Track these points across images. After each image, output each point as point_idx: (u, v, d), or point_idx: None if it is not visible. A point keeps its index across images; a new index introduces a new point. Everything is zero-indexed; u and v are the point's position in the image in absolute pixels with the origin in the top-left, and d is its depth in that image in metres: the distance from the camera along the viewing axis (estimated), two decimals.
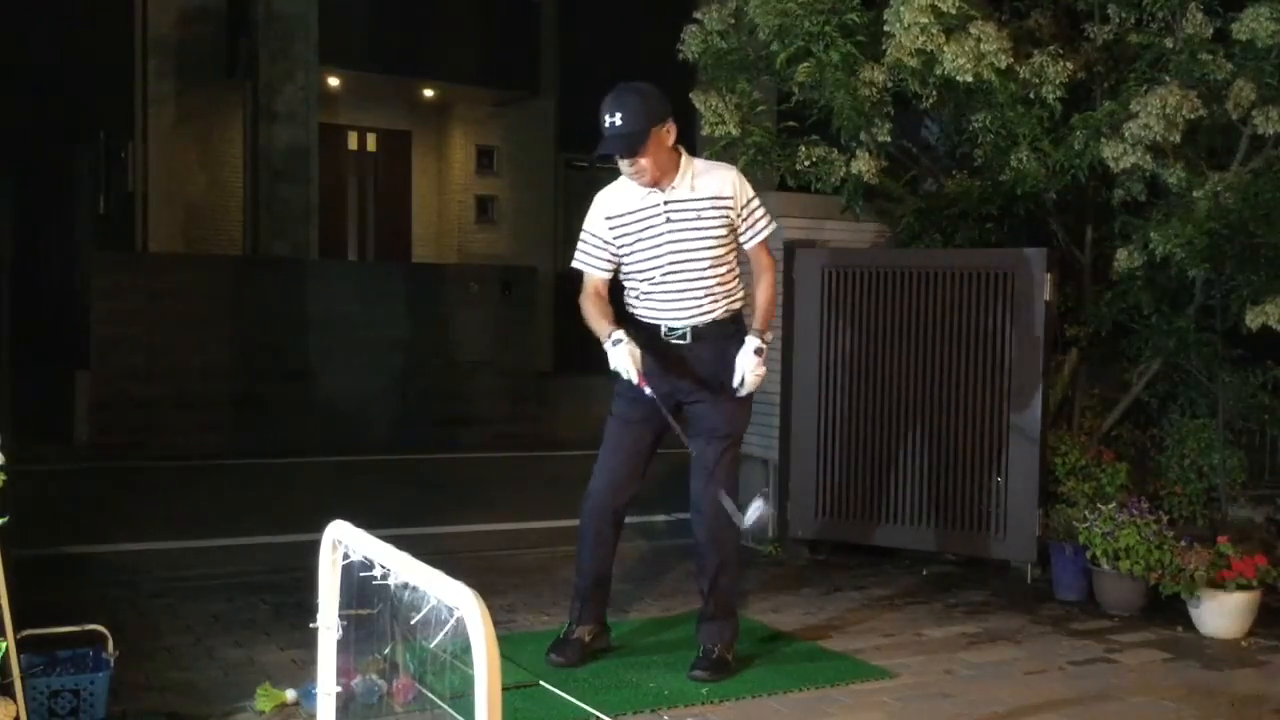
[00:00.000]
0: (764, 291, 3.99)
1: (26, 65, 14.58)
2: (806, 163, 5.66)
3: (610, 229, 4.00)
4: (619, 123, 3.76)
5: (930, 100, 5.23)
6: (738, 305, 4.03)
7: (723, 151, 5.82)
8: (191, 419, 10.02)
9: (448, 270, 12.24)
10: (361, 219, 14.42)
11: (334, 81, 13.34)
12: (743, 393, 3.91)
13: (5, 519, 2.96)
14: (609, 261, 4.05)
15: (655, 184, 3.89)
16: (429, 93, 14.06)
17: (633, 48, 11.01)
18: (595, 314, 4.00)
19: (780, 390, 5.89)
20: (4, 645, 2.96)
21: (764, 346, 3.90)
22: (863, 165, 5.57)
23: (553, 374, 12.54)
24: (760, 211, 3.99)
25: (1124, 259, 5.35)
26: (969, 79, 4.95)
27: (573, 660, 4.06)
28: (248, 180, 12.25)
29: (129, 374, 9.84)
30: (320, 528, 2.55)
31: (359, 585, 2.44)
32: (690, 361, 3.96)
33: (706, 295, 3.94)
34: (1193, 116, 4.86)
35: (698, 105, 5.66)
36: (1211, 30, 5.08)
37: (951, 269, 5.47)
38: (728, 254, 3.97)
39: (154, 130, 12.27)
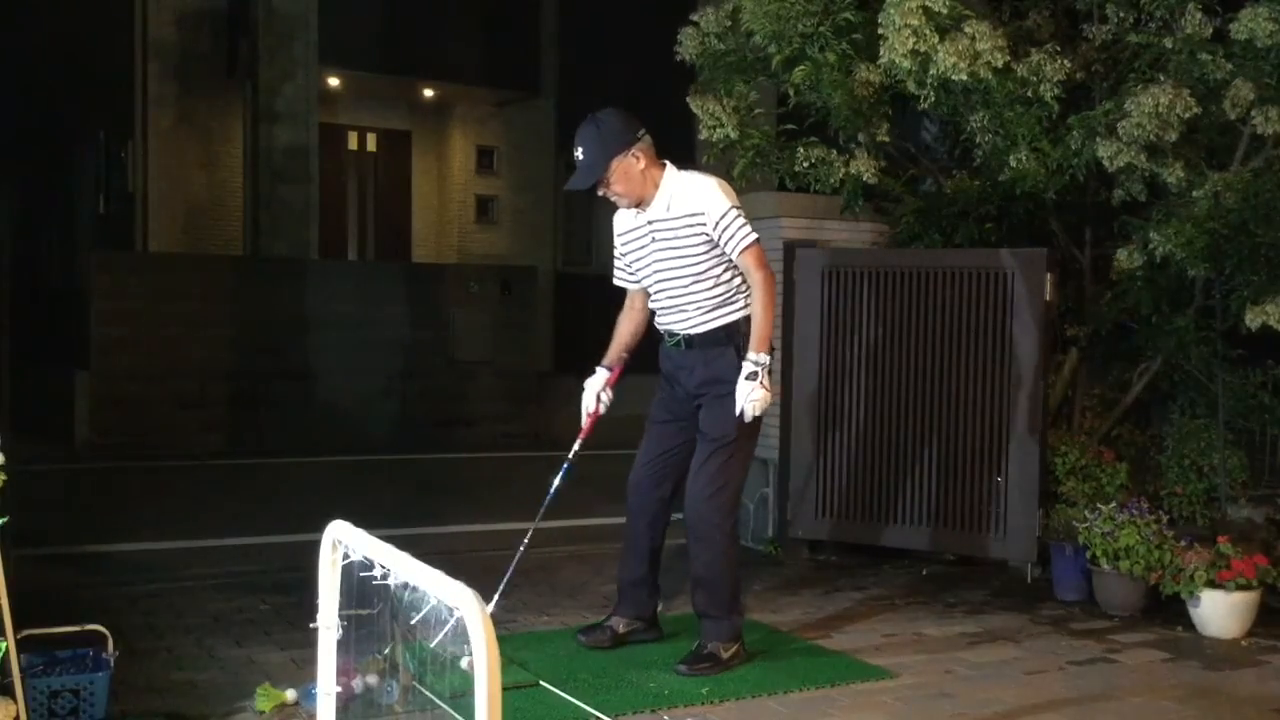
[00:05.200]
0: (755, 305, 3.94)
1: (27, 66, 14.58)
2: (805, 164, 5.65)
3: (622, 244, 4.19)
4: (580, 156, 3.93)
5: (928, 100, 5.22)
6: (735, 316, 4.01)
7: (721, 154, 5.82)
8: (191, 419, 10.02)
9: (448, 270, 12.25)
10: (361, 219, 14.42)
11: (334, 81, 13.34)
12: (747, 419, 3.92)
13: (5, 519, 2.96)
14: (630, 274, 4.22)
15: (636, 206, 4.01)
16: (429, 93, 14.06)
17: (633, 48, 11.03)
18: (614, 336, 4.28)
19: (780, 390, 5.90)
20: (4, 645, 2.96)
21: (758, 369, 3.86)
22: (861, 165, 5.57)
23: (553, 374, 12.54)
24: (737, 223, 3.92)
25: (1124, 259, 5.35)
26: (964, 78, 4.95)
27: (599, 643, 4.18)
28: (248, 180, 12.25)
29: (129, 374, 9.84)
30: (320, 528, 2.55)
31: (359, 585, 2.44)
32: (688, 368, 4.08)
33: (696, 308, 4.01)
34: (1188, 115, 4.86)
35: (694, 109, 5.64)
36: (1210, 30, 5.07)
37: (951, 269, 5.47)
38: (712, 268, 3.97)
39: (154, 130, 12.27)
